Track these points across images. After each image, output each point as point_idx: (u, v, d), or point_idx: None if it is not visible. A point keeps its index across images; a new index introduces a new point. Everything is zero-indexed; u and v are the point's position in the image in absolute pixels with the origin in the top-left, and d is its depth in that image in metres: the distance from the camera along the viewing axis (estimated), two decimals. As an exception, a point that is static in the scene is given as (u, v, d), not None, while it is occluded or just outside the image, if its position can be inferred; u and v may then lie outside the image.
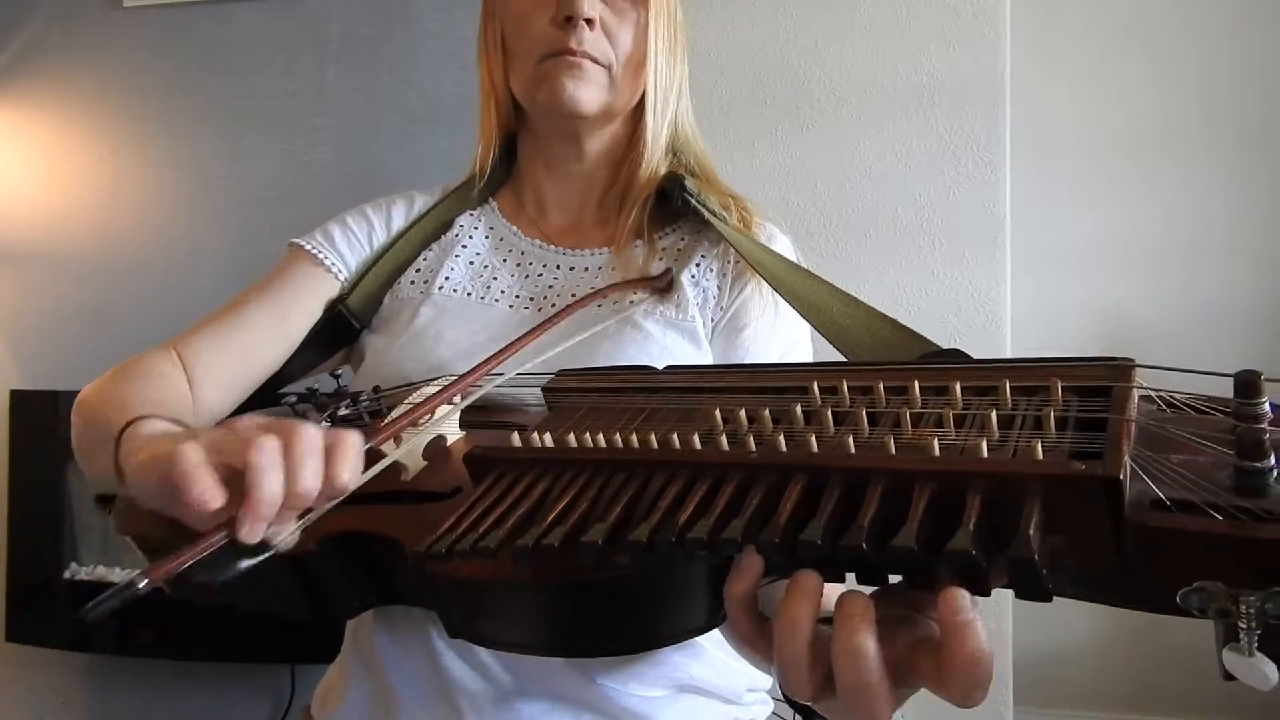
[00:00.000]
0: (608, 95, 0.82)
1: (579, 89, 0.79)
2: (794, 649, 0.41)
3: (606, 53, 0.81)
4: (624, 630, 0.52)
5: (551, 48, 0.79)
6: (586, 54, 0.79)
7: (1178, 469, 0.39)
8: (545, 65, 0.80)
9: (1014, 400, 0.45)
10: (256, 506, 0.46)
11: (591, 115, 0.82)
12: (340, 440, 0.50)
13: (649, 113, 0.84)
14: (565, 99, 0.79)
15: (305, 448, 0.48)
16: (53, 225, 2.02)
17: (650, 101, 0.84)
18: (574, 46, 0.78)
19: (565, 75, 0.79)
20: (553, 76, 0.79)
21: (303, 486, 0.47)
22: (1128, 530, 0.37)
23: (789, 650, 0.41)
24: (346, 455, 0.50)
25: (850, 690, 0.40)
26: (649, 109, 0.84)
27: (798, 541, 0.39)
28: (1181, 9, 1.76)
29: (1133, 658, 1.71)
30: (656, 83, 0.84)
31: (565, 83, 0.79)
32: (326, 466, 0.49)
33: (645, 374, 0.62)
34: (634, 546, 0.43)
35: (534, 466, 0.50)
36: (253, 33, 1.94)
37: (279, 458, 0.47)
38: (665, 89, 0.85)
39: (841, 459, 0.42)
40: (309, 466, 0.48)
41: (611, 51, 0.81)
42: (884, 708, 0.40)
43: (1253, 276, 1.73)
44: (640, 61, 0.83)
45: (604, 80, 0.81)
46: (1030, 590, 0.36)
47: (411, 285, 0.87)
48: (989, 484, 0.38)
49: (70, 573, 1.87)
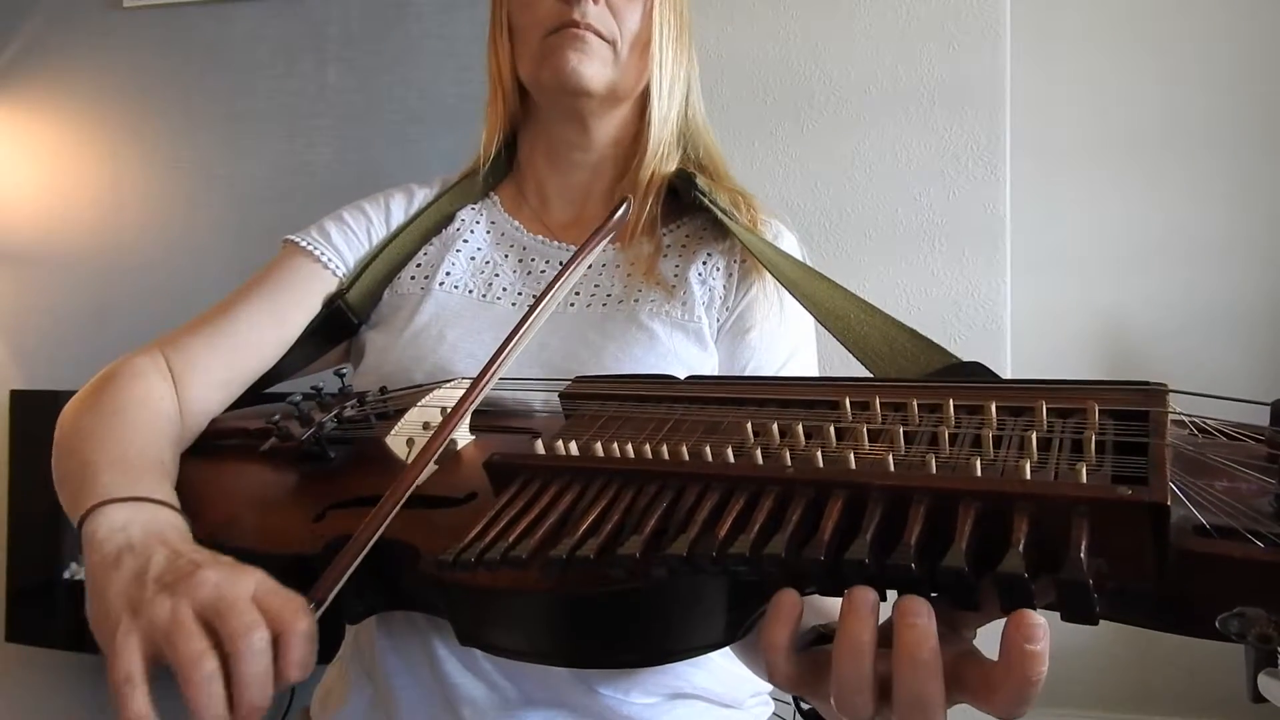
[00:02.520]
0: (612, 72, 0.81)
1: (582, 63, 0.79)
2: (858, 673, 0.40)
3: (611, 28, 0.80)
4: (639, 644, 0.51)
5: (556, 21, 0.79)
6: (591, 27, 0.78)
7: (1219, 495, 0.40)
8: (550, 40, 0.79)
9: (1049, 422, 0.45)
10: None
11: (596, 92, 0.81)
12: (287, 632, 0.47)
13: (654, 95, 0.83)
14: (569, 72, 0.78)
15: (247, 667, 0.46)
16: (53, 225, 2.02)
17: (655, 82, 0.83)
18: (578, 19, 0.78)
19: (569, 48, 0.78)
20: (557, 50, 0.79)
21: (249, 706, 0.46)
22: (1170, 555, 0.37)
23: (853, 675, 0.40)
24: (294, 652, 0.47)
25: (911, 701, 0.39)
26: (654, 91, 0.83)
27: (842, 560, 0.39)
28: (1181, 9, 1.76)
29: (1133, 658, 1.71)
30: (662, 64, 0.83)
31: (569, 55, 0.78)
32: (276, 668, 0.47)
33: (666, 383, 0.62)
34: (672, 560, 0.42)
35: (560, 475, 0.50)
36: (253, 33, 1.94)
37: (217, 682, 0.45)
38: (672, 76, 0.84)
39: (882, 476, 0.42)
40: (250, 686, 0.46)
41: (617, 28, 0.80)
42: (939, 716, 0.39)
43: (1253, 277, 1.73)
44: (646, 42, 0.82)
45: (609, 56, 0.80)
46: (1079, 613, 0.36)
47: (412, 280, 0.86)
48: (1035, 506, 0.38)
49: (70, 573, 1.86)
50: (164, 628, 0.47)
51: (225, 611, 0.47)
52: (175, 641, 0.46)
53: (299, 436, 0.67)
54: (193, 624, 0.47)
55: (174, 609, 0.48)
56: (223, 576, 0.49)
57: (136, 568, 0.52)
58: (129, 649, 0.47)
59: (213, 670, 0.46)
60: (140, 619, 0.48)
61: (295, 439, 0.67)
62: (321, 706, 0.79)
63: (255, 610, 0.48)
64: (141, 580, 0.51)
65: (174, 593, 0.49)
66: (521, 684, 0.68)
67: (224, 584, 0.49)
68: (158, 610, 0.48)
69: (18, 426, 1.91)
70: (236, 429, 0.76)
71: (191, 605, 0.48)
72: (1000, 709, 0.38)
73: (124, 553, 0.54)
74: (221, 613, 0.47)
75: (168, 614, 0.47)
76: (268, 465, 0.70)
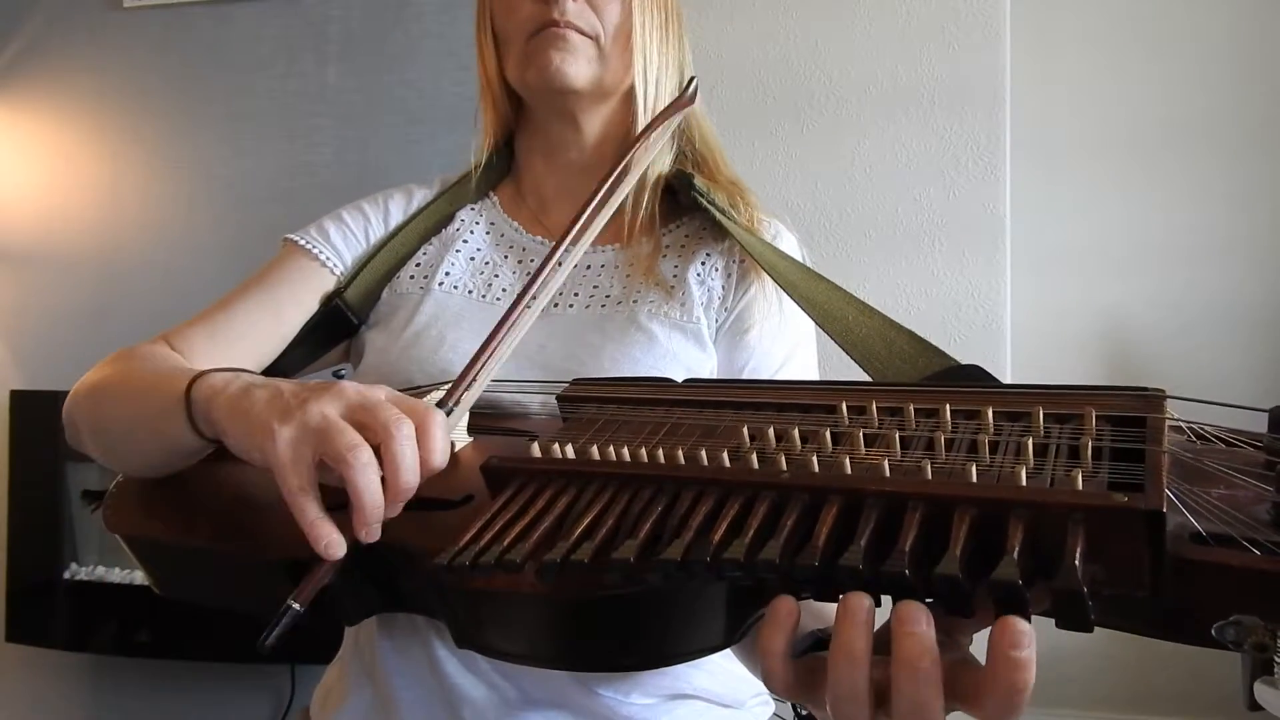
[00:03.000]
0: (597, 68, 0.81)
1: (565, 61, 0.78)
2: (854, 680, 0.40)
3: (593, 24, 0.80)
4: (637, 647, 0.51)
5: (537, 23, 0.79)
6: (571, 24, 0.78)
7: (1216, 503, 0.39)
8: (533, 42, 0.79)
9: (1047, 428, 0.45)
10: (368, 517, 0.51)
11: (582, 89, 0.80)
12: (426, 424, 0.52)
13: (639, 85, 0.82)
14: (553, 72, 0.78)
15: (400, 449, 0.51)
16: (53, 225, 2.02)
17: (640, 72, 0.82)
18: (557, 17, 0.78)
19: (551, 48, 0.78)
20: (540, 51, 0.79)
21: (404, 490, 0.51)
22: (1166, 562, 0.37)
23: (848, 683, 0.40)
24: (435, 440, 0.52)
25: (910, 710, 0.39)
26: (639, 81, 0.82)
27: (837, 566, 0.39)
28: (1181, 8, 1.76)
29: (1133, 658, 1.71)
30: (646, 54, 0.82)
31: (552, 55, 0.78)
32: (420, 456, 0.52)
33: (663, 386, 0.62)
34: (667, 565, 0.42)
35: (555, 479, 0.50)
36: (253, 32, 1.94)
37: (374, 468, 0.50)
38: (659, 66, 0.83)
39: (878, 482, 0.42)
40: (406, 468, 0.51)
41: (598, 23, 0.80)
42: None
43: (1253, 277, 1.73)
44: (629, 34, 0.81)
45: (592, 53, 0.80)
46: (1073, 621, 0.36)
47: (411, 280, 0.86)
48: (1030, 512, 0.38)
49: (70, 573, 1.87)
50: (318, 427, 0.51)
51: (372, 408, 0.52)
52: (333, 436, 0.51)
53: None
54: (344, 422, 0.52)
55: (323, 412, 0.52)
56: (358, 386, 0.54)
57: (271, 394, 0.56)
58: (295, 456, 0.52)
59: (370, 458, 0.50)
60: (292, 424, 0.52)
61: None
62: (321, 706, 0.79)
63: (395, 407, 0.53)
64: (281, 398, 0.55)
65: (319, 399, 0.53)
66: (521, 684, 0.69)
67: (362, 390, 0.54)
68: (310, 414, 0.52)
69: (18, 426, 1.92)
70: None
71: (341, 404, 0.53)
72: (989, 716, 0.38)
73: (252, 388, 0.58)
74: (369, 410, 0.52)
75: (319, 416, 0.52)
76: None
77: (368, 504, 0.50)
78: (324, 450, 0.51)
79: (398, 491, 0.51)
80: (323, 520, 0.51)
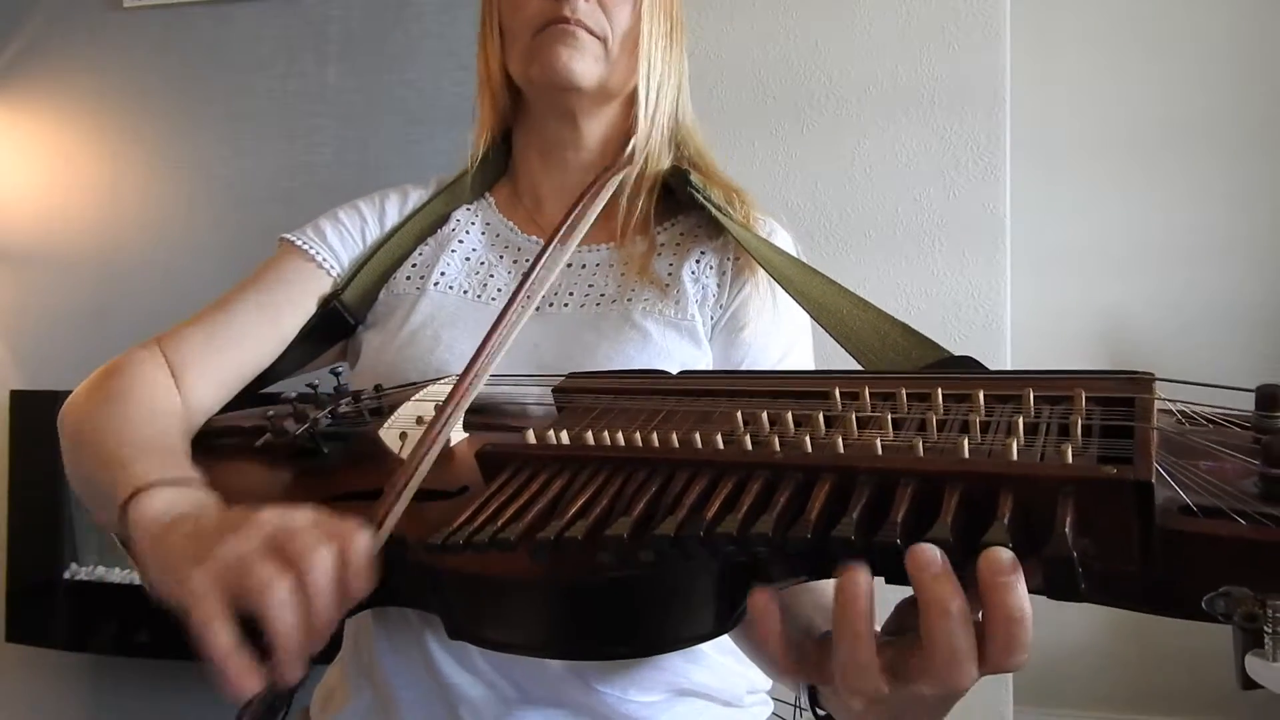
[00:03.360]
0: (603, 69, 0.81)
1: (573, 59, 0.78)
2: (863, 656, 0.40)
3: (602, 24, 0.80)
4: (630, 634, 0.51)
5: (545, 18, 0.79)
6: (581, 23, 0.78)
7: (1204, 476, 0.40)
8: (540, 37, 0.79)
9: (1038, 409, 0.46)
10: (284, 656, 0.47)
11: (587, 87, 0.80)
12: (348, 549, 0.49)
13: (642, 93, 0.83)
14: (560, 67, 0.78)
15: (315, 579, 0.48)
16: (53, 225, 2.02)
17: (644, 79, 0.82)
18: (568, 14, 0.77)
19: (560, 44, 0.78)
20: (547, 46, 0.79)
21: (321, 625, 0.48)
22: (1156, 534, 0.37)
23: (859, 658, 0.40)
24: (356, 565, 0.50)
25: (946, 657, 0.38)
26: (642, 89, 0.83)
27: (829, 538, 0.39)
28: (1181, 8, 1.76)
29: (1133, 658, 1.71)
30: (651, 61, 0.83)
31: (560, 50, 0.78)
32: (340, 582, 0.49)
33: (658, 377, 0.62)
34: (660, 541, 0.42)
35: (550, 464, 0.50)
36: (253, 32, 1.94)
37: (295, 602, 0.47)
38: (661, 74, 0.84)
39: (869, 459, 0.42)
40: (322, 602, 0.48)
41: (607, 24, 0.80)
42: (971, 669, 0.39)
43: (1253, 276, 1.73)
44: (637, 39, 0.82)
45: (599, 52, 0.80)
46: (1064, 589, 0.37)
47: (407, 280, 0.86)
48: (1021, 486, 0.38)
49: (70, 573, 1.87)
50: (233, 564, 0.48)
51: (289, 538, 0.49)
52: (247, 572, 0.48)
53: (293, 432, 0.67)
54: (260, 556, 0.48)
55: (238, 547, 0.49)
56: (279, 512, 0.51)
57: (193, 527, 0.54)
58: (203, 593, 0.48)
59: (285, 595, 0.47)
60: (207, 565, 0.49)
61: (289, 435, 0.68)
62: (321, 708, 0.79)
63: (317, 531, 0.50)
64: (201, 534, 0.52)
65: (236, 533, 0.50)
66: (519, 682, 0.68)
67: (283, 516, 0.51)
68: (224, 551, 0.49)
69: (18, 426, 1.92)
70: (231, 427, 0.76)
71: (256, 540, 0.49)
72: (995, 659, 0.38)
73: (177, 520, 0.56)
74: (285, 540, 0.49)
75: (234, 552, 0.49)
76: (262, 462, 0.70)
77: (281, 645, 0.47)
78: (236, 589, 0.48)
79: (312, 629, 0.48)
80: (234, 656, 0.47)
